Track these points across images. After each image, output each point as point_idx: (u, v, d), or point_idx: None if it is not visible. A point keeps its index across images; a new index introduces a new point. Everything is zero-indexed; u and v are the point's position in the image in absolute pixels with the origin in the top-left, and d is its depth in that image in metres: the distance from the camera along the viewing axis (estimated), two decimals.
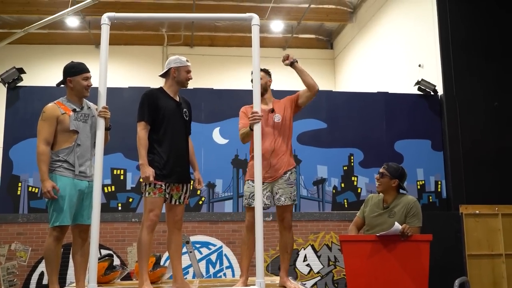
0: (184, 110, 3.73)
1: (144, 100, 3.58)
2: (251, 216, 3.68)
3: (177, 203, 3.64)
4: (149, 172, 3.43)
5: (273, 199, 3.78)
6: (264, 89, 3.83)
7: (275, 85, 4.23)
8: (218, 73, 11.56)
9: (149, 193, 3.50)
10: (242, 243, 3.82)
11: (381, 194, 3.90)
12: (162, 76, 3.75)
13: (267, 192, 3.75)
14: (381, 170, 3.85)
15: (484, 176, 6.85)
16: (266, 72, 3.93)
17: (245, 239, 3.77)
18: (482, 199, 6.73)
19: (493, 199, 6.75)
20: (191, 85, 3.90)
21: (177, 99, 3.72)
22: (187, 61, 3.71)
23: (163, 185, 3.52)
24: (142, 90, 4.02)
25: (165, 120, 3.57)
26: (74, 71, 3.59)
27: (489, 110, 7.07)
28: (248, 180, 3.83)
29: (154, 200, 3.49)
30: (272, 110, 3.85)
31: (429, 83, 7.17)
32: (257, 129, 3.32)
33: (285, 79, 6.10)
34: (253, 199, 3.67)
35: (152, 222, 3.48)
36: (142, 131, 3.52)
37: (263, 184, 3.52)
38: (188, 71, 3.69)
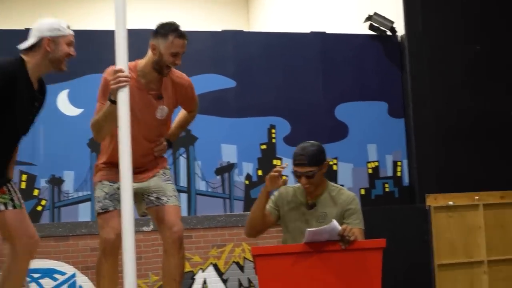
0: (36, 104, 3.72)
1: None
2: (112, 228, 3.63)
3: None
4: None
5: (145, 204, 3.88)
6: (165, 65, 3.73)
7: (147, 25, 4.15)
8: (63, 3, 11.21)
9: None
10: (98, 276, 3.76)
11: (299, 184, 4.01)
12: (27, 49, 3.61)
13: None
14: (302, 170, 3.80)
15: (461, 152, 7.18)
16: (182, 36, 3.76)
17: (102, 270, 3.72)
18: (458, 185, 7.07)
19: (472, 184, 7.08)
20: (6, 23, 3.77)
21: (35, 86, 3.67)
22: (68, 27, 3.65)
23: None
24: None
25: (10, 120, 3.53)
26: None
27: (469, 58, 7.35)
28: (101, 181, 3.86)
29: None
30: (160, 97, 3.80)
31: (384, 18, 7.35)
32: (124, 97, 3.17)
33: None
34: (112, 200, 3.71)
35: None
36: None
37: None
38: (70, 43, 3.64)
